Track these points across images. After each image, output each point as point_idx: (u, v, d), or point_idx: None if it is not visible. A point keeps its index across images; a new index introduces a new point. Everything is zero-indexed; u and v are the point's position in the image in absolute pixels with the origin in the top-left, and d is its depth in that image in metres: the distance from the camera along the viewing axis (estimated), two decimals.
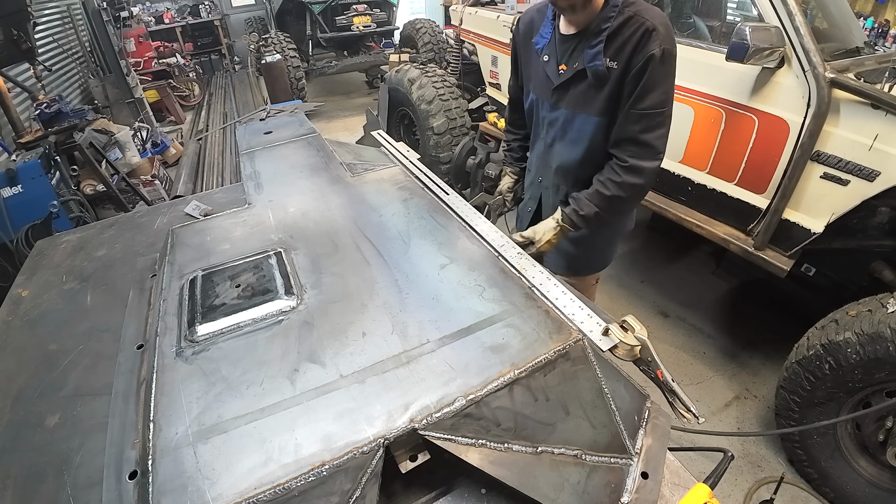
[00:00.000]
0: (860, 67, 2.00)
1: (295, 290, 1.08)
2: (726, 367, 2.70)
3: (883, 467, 1.88)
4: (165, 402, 0.84)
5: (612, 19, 1.33)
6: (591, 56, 1.37)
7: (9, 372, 1.03)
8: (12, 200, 2.80)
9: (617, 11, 1.33)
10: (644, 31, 1.29)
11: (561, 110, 1.53)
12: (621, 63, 1.33)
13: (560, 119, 1.55)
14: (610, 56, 1.35)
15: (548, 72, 1.52)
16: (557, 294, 1.18)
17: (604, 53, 1.35)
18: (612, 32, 1.33)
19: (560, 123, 1.55)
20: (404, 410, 0.79)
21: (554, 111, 1.55)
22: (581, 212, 1.48)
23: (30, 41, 3.34)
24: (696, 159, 2.41)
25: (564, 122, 1.54)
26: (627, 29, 1.31)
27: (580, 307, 1.15)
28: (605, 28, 1.34)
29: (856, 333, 1.72)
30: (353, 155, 1.95)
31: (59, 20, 5.83)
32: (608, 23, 1.34)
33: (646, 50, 1.29)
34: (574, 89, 1.47)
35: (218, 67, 9.62)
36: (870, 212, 1.99)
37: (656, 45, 1.28)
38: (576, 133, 1.53)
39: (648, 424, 0.97)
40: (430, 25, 7.83)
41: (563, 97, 1.51)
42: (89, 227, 1.63)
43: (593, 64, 1.37)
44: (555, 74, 1.49)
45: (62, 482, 0.79)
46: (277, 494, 0.69)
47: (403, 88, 4.13)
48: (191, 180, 4.58)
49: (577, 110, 1.49)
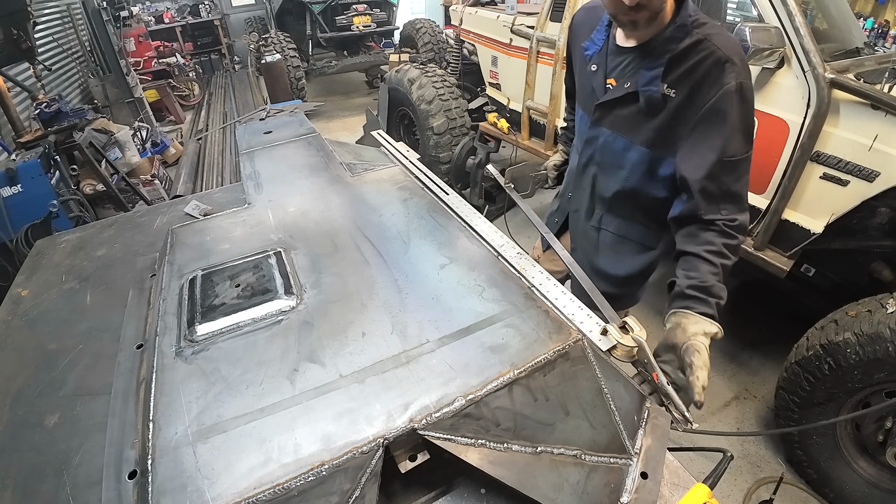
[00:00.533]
0: (860, 68, 2.00)
1: (295, 290, 1.08)
2: (726, 367, 2.70)
3: (882, 468, 1.88)
4: (165, 402, 0.84)
5: (679, 41, 1.16)
6: (648, 79, 1.20)
7: (8, 371, 1.03)
8: (12, 200, 2.80)
9: (685, 32, 1.16)
10: (715, 62, 1.12)
11: (601, 129, 1.37)
12: (682, 92, 1.17)
13: (599, 139, 1.38)
14: (669, 83, 1.18)
15: (594, 84, 1.35)
16: (557, 294, 1.18)
17: (662, 78, 1.18)
18: (677, 55, 1.16)
19: (599, 144, 1.39)
20: (404, 410, 0.79)
21: (594, 129, 1.39)
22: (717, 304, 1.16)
23: (30, 41, 3.34)
24: None
25: (604, 143, 1.38)
26: (695, 54, 1.15)
27: (580, 307, 1.15)
28: (670, 49, 1.17)
29: (855, 334, 1.72)
30: (353, 155, 1.95)
31: (59, 20, 5.84)
32: (673, 44, 1.16)
33: (719, 83, 1.12)
34: (620, 110, 1.30)
35: (218, 67, 9.62)
36: (869, 212, 2.00)
37: (731, 78, 1.11)
38: (615, 158, 1.36)
39: (648, 424, 0.97)
40: (430, 25, 7.84)
41: (605, 116, 1.35)
42: (89, 227, 1.63)
43: (648, 89, 1.20)
44: (601, 89, 1.33)
45: (62, 482, 0.79)
46: (277, 494, 0.69)
47: (403, 88, 4.13)
48: (190, 180, 4.59)
49: (620, 133, 1.32)
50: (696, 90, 1.15)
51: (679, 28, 1.16)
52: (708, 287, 1.14)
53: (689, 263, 1.19)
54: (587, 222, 1.55)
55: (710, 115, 1.15)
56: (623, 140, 1.32)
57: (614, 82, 1.30)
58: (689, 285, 1.16)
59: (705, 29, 1.16)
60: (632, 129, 1.29)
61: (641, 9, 1.12)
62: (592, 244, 1.56)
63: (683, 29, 1.16)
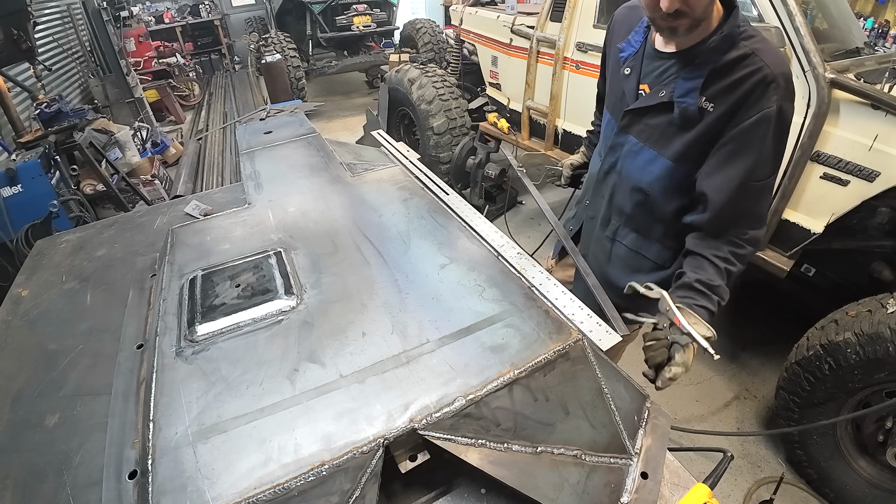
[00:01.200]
0: (860, 68, 2.00)
1: (295, 290, 1.08)
2: (726, 368, 2.70)
3: (882, 467, 1.88)
4: (165, 402, 0.84)
5: (724, 52, 1.08)
6: (686, 90, 1.12)
7: (8, 372, 1.03)
8: (12, 200, 2.80)
9: (731, 43, 1.08)
10: (761, 80, 1.05)
11: (628, 137, 1.29)
12: (721, 108, 1.09)
13: (625, 147, 1.31)
14: (708, 96, 1.10)
15: (625, 88, 1.28)
16: (557, 294, 1.18)
17: (701, 91, 1.10)
18: (719, 67, 1.08)
19: (623, 152, 1.32)
20: (404, 410, 0.79)
21: (620, 136, 1.32)
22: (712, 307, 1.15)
23: (30, 41, 3.34)
24: None
25: (628, 152, 1.30)
26: (739, 69, 1.07)
27: (580, 307, 1.15)
28: (713, 60, 1.09)
29: (855, 334, 1.72)
30: (353, 155, 1.95)
31: (59, 20, 5.84)
32: (717, 55, 1.08)
33: (760, 104, 1.05)
34: (651, 120, 1.23)
35: (218, 67, 9.62)
36: (869, 212, 2.00)
37: (774, 101, 1.04)
38: (639, 170, 1.28)
39: (648, 424, 0.97)
40: (430, 25, 7.84)
41: (634, 123, 1.27)
42: (89, 227, 1.63)
43: (684, 101, 1.12)
44: (632, 94, 1.26)
45: (62, 482, 0.79)
46: (277, 494, 0.69)
47: (403, 88, 4.13)
48: (191, 180, 4.59)
49: (647, 144, 1.24)
50: (737, 107, 1.08)
51: (726, 38, 1.08)
52: (714, 286, 1.13)
53: (697, 262, 1.18)
54: (602, 231, 1.49)
55: (744, 135, 1.09)
56: (650, 151, 1.25)
57: (647, 89, 1.23)
58: (697, 279, 1.14)
59: (753, 42, 1.08)
60: (659, 141, 1.22)
61: (682, 16, 1.04)
62: (605, 254, 1.51)
63: (730, 39, 1.08)
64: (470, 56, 4.55)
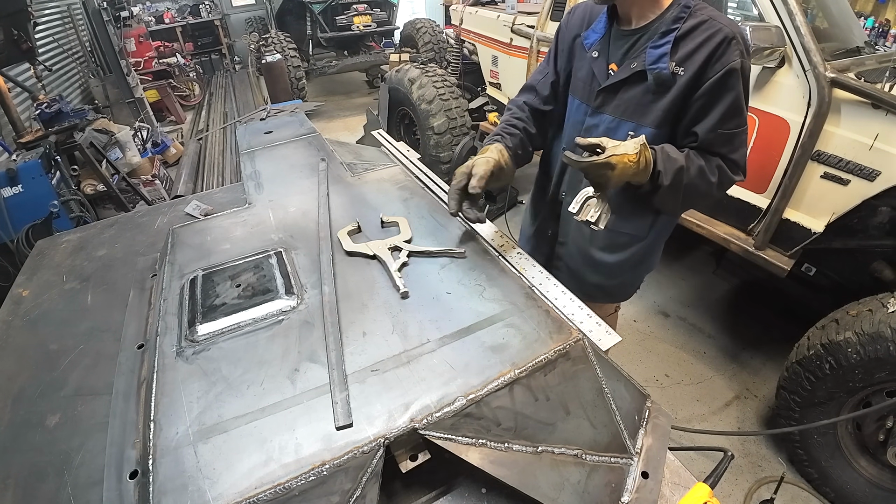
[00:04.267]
0: (860, 67, 2.00)
1: (295, 290, 1.08)
2: (726, 367, 2.70)
3: (883, 467, 1.88)
4: (166, 402, 0.84)
5: (683, 20, 1.19)
6: (656, 57, 1.20)
7: (9, 372, 1.03)
8: (13, 200, 2.81)
9: (688, 13, 1.19)
10: (723, 39, 1.15)
11: (604, 116, 1.34)
12: (690, 70, 1.18)
13: (600, 127, 1.36)
14: (677, 60, 1.19)
15: (595, 70, 1.34)
16: (557, 294, 1.18)
17: (670, 56, 1.19)
18: (682, 35, 1.19)
19: (600, 132, 1.35)
20: (404, 410, 0.79)
21: (595, 116, 1.36)
22: (672, 153, 1.20)
23: (30, 41, 3.35)
24: None
25: (606, 130, 1.34)
26: (700, 33, 1.17)
27: (580, 307, 1.15)
28: (675, 28, 1.19)
29: (856, 333, 1.72)
30: (354, 155, 1.95)
31: (59, 20, 5.84)
32: (679, 23, 1.19)
33: (725, 60, 1.15)
34: (625, 94, 1.29)
35: (218, 67, 9.62)
36: (870, 211, 2.00)
37: (737, 55, 1.15)
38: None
39: (649, 424, 0.97)
40: (430, 25, 7.84)
41: (608, 101, 1.33)
42: (90, 227, 1.63)
43: (657, 66, 1.20)
44: (603, 75, 1.33)
45: (62, 482, 0.79)
46: (278, 494, 0.69)
47: (404, 88, 4.13)
48: (191, 180, 4.59)
49: (626, 118, 1.30)
50: (704, 67, 1.17)
51: (683, 9, 1.20)
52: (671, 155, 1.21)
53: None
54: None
55: (714, 89, 1.18)
56: (629, 124, 1.30)
57: (616, 67, 1.30)
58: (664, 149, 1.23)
59: (707, 12, 1.20)
60: (637, 112, 1.28)
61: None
62: (586, 238, 1.54)
63: (686, 10, 1.20)
64: (470, 56, 4.55)
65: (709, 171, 1.24)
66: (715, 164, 1.25)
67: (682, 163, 1.20)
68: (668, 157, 1.19)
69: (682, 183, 1.21)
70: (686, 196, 1.25)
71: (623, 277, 1.60)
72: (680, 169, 1.19)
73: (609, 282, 1.60)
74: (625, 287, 1.67)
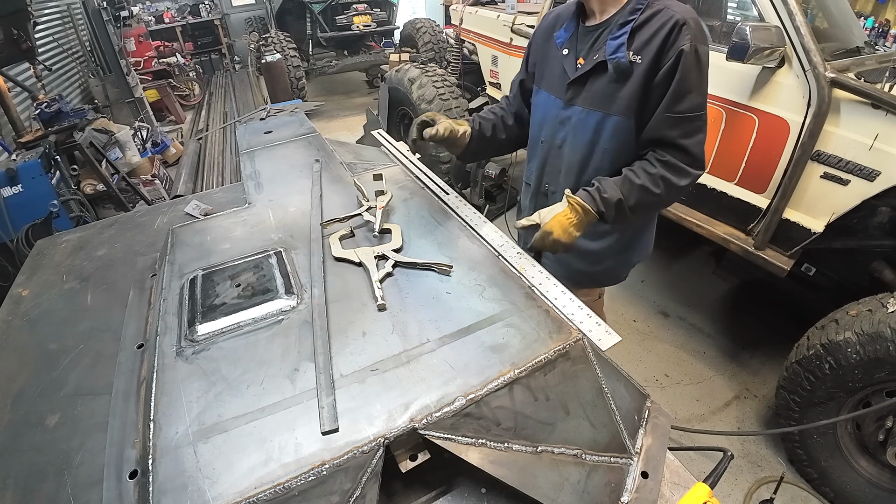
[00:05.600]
0: (860, 67, 2.00)
1: (295, 290, 1.08)
2: (726, 367, 2.70)
3: (883, 467, 1.88)
4: (166, 402, 0.84)
5: (640, 12, 1.26)
6: (614, 47, 1.27)
7: (9, 371, 1.03)
8: (12, 200, 2.80)
9: (645, 4, 1.26)
10: (673, 25, 1.20)
11: (575, 108, 1.41)
12: (647, 58, 1.24)
13: (573, 118, 1.43)
14: (634, 49, 1.25)
15: (565, 66, 1.42)
16: (557, 294, 1.18)
17: (628, 46, 1.26)
18: (638, 25, 1.25)
19: (572, 123, 1.43)
20: (404, 410, 0.79)
21: (567, 109, 1.44)
22: (604, 193, 1.26)
23: (30, 41, 3.34)
24: None
25: (577, 121, 1.42)
26: (654, 22, 1.23)
27: (580, 307, 1.15)
28: (632, 20, 1.26)
29: (856, 333, 1.72)
30: (354, 154, 1.95)
31: (59, 20, 5.83)
32: (635, 14, 1.26)
33: (676, 45, 1.20)
34: (592, 85, 1.36)
35: (218, 67, 9.62)
36: (870, 211, 2.00)
37: (686, 41, 1.19)
38: (590, 134, 1.40)
39: (648, 424, 0.97)
40: (430, 25, 7.83)
41: (578, 94, 1.40)
42: (89, 227, 1.63)
43: (615, 56, 1.27)
44: (572, 69, 1.40)
45: (62, 481, 0.79)
46: (277, 494, 0.69)
47: (403, 88, 4.13)
48: (191, 180, 4.58)
49: (594, 108, 1.37)
50: (659, 54, 1.23)
51: (639, 1, 1.27)
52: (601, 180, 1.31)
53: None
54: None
55: (667, 74, 1.23)
56: (597, 114, 1.37)
57: (583, 61, 1.38)
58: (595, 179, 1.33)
59: (662, 2, 1.26)
60: (603, 102, 1.35)
61: None
62: None
63: (643, 2, 1.27)
64: (470, 55, 4.54)
65: (652, 185, 1.27)
66: (658, 176, 1.27)
67: (619, 195, 1.26)
68: (604, 198, 1.27)
69: (625, 211, 1.28)
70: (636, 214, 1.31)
71: (607, 264, 1.65)
72: (619, 202, 1.26)
73: (593, 268, 1.66)
74: (610, 273, 1.71)
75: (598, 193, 1.27)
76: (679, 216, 2.50)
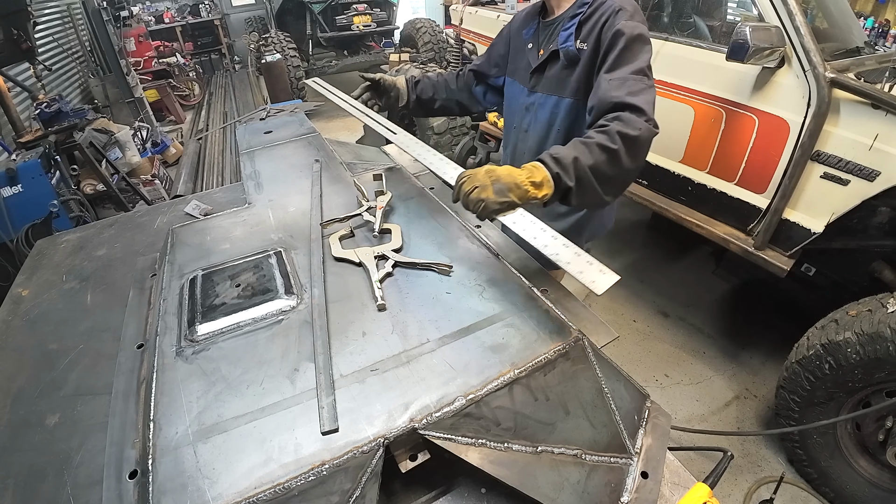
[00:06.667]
0: (860, 67, 2.00)
1: (295, 290, 1.08)
2: (726, 367, 2.70)
3: (883, 467, 1.88)
4: (165, 402, 0.84)
5: (588, 6, 1.39)
6: (564, 38, 1.42)
7: (9, 371, 1.03)
8: (12, 200, 2.80)
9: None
10: (611, 12, 1.33)
11: (536, 94, 1.56)
12: (590, 45, 1.36)
13: (535, 104, 1.57)
14: (581, 38, 1.39)
15: (529, 58, 1.57)
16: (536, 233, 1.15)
17: (575, 36, 1.40)
18: (586, 17, 1.39)
19: (535, 108, 1.58)
20: (404, 410, 0.79)
21: (531, 95, 1.58)
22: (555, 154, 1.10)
23: (30, 41, 3.34)
24: (696, 159, 2.41)
25: (538, 105, 1.56)
26: (598, 13, 1.36)
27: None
28: (580, 13, 1.40)
29: (856, 333, 1.72)
30: (354, 154, 1.95)
31: (59, 20, 5.84)
32: (583, 8, 1.40)
33: (613, 26, 1.30)
34: (549, 72, 1.51)
35: (218, 67, 9.63)
36: (870, 212, 2.00)
37: (621, 21, 1.30)
38: (548, 116, 1.54)
39: (648, 424, 0.97)
40: (430, 25, 7.83)
41: (539, 81, 1.55)
42: (89, 227, 1.63)
43: (565, 45, 1.41)
44: (534, 59, 1.55)
45: (62, 481, 0.79)
46: (277, 494, 0.69)
47: None
48: (191, 180, 4.58)
49: (551, 93, 1.51)
50: (598, 38, 1.34)
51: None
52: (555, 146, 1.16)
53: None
54: None
55: (606, 52, 1.31)
56: (553, 98, 1.51)
57: (543, 52, 1.52)
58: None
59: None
60: (558, 87, 1.49)
61: None
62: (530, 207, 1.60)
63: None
64: (470, 56, 4.54)
65: (609, 141, 1.14)
66: (614, 131, 1.15)
67: (574, 153, 1.11)
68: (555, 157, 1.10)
69: (586, 170, 1.11)
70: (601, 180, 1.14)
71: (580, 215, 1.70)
72: (575, 159, 1.10)
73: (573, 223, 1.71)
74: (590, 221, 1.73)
75: (549, 154, 1.11)
76: (679, 216, 2.50)
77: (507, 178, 1.02)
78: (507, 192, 1.01)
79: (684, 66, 2.37)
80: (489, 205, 1.01)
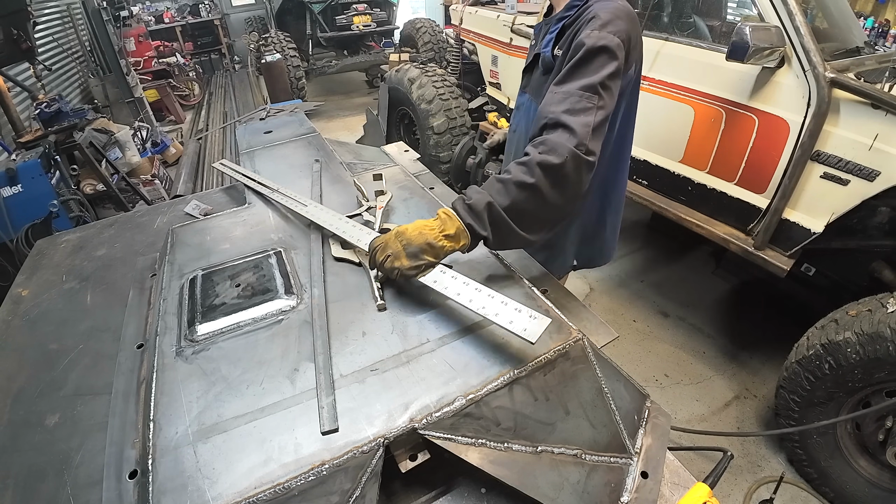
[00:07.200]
0: (860, 67, 2.00)
1: (295, 290, 1.08)
2: (726, 367, 2.70)
3: (883, 467, 1.88)
4: (165, 402, 0.84)
5: (577, 8, 1.27)
6: (546, 42, 1.36)
7: (9, 371, 1.03)
8: (12, 200, 2.80)
9: (583, 2, 1.27)
10: (585, 20, 1.20)
11: (524, 95, 1.55)
12: (563, 51, 1.26)
13: (523, 105, 1.56)
14: (560, 44, 1.30)
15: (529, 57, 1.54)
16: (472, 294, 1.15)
17: (556, 41, 1.31)
18: (570, 22, 1.28)
19: (522, 109, 1.56)
20: (404, 410, 0.79)
21: (521, 96, 1.57)
22: (468, 199, 1.03)
23: (30, 41, 3.34)
24: (696, 159, 2.41)
25: (525, 107, 1.55)
26: (580, 19, 1.24)
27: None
28: (567, 16, 1.29)
29: (856, 333, 1.72)
30: (354, 154, 1.95)
31: (59, 20, 5.83)
32: (570, 11, 1.29)
33: (580, 37, 1.17)
34: (534, 74, 1.47)
35: (218, 67, 9.62)
36: (870, 211, 1.99)
37: (586, 31, 1.17)
38: (530, 118, 1.47)
39: (648, 424, 0.97)
40: (430, 25, 7.83)
41: (528, 83, 1.53)
42: (89, 227, 1.63)
43: (545, 51, 1.36)
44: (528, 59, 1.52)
45: (62, 481, 0.79)
46: (277, 494, 0.69)
47: (403, 88, 4.13)
48: (191, 180, 4.58)
49: (532, 97, 1.49)
50: (569, 47, 1.22)
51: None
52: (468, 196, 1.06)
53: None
54: None
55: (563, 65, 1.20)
56: (534, 102, 1.45)
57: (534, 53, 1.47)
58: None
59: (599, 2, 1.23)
60: (536, 90, 1.43)
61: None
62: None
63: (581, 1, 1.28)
64: (470, 55, 4.54)
65: (527, 175, 1.03)
66: (534, 162, 1.04)
67: (488, 196, 1.02)
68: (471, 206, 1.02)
69: (501, 214, 1.02)
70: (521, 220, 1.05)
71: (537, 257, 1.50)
72: (488, 205, 1.01)
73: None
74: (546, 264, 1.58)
75: (462, 201, 1.03)
76: (679, 216, 2.50)
77: (419, 240, 0.97)
78: (420, 254, 0.97)
79: (684, 66, 2.37)
80: (405, 272, 0.97)
